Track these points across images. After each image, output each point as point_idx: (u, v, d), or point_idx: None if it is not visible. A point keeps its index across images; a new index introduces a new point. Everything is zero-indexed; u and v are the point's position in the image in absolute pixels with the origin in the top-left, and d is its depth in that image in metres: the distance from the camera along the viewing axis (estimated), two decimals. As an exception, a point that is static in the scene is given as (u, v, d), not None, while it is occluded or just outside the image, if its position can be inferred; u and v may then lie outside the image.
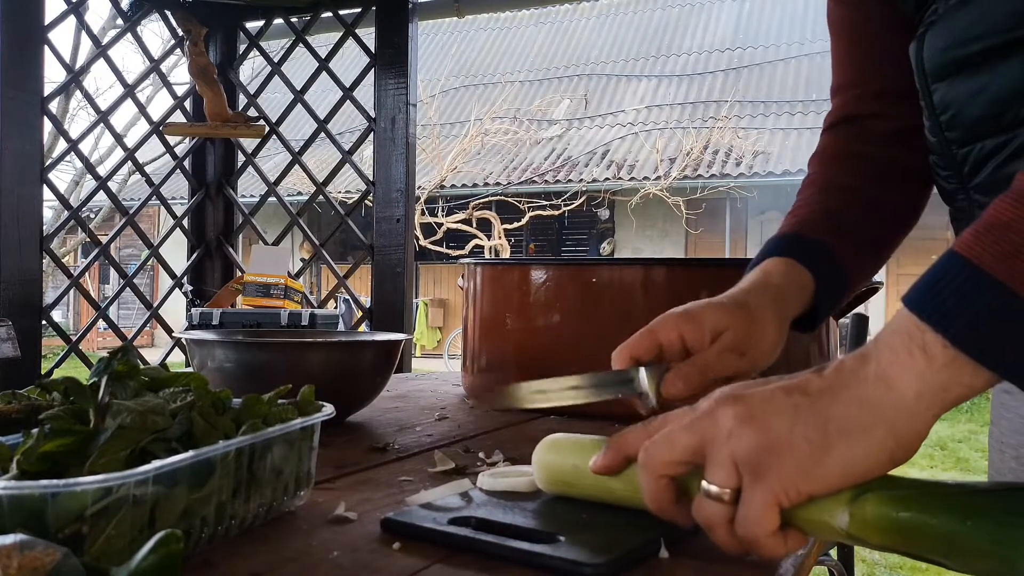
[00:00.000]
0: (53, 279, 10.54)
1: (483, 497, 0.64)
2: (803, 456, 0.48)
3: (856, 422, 0.48)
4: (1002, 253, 0.45)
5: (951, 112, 0.70)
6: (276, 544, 0.56)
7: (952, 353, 0.46)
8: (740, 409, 0.50)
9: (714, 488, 0.50)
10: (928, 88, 0.72)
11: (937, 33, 0.69)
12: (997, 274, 0.45)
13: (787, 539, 0.50)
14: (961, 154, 0.70)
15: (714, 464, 0.50)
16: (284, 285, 2.64)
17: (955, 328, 0.45)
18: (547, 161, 12.06)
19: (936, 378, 0.46)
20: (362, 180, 2.78)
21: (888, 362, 0.48)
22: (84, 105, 9.70)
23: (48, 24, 2.62)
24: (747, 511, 0.49)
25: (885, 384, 0.48)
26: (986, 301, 0.45)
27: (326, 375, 0.95)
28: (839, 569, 1.81)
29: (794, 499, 0.48)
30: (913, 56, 0.73)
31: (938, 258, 0.49)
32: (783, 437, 0.48)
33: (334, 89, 2.81)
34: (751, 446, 0.49)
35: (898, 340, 0.48)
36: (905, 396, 0.47)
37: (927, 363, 0.46)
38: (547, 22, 15.70)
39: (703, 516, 0.51)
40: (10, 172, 2.47)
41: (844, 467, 0.48)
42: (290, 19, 2.92)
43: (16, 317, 2.38)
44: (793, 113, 11.86)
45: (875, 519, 0.47)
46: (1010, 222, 0.46)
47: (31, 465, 0.48)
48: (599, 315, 1.11)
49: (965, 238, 0.47)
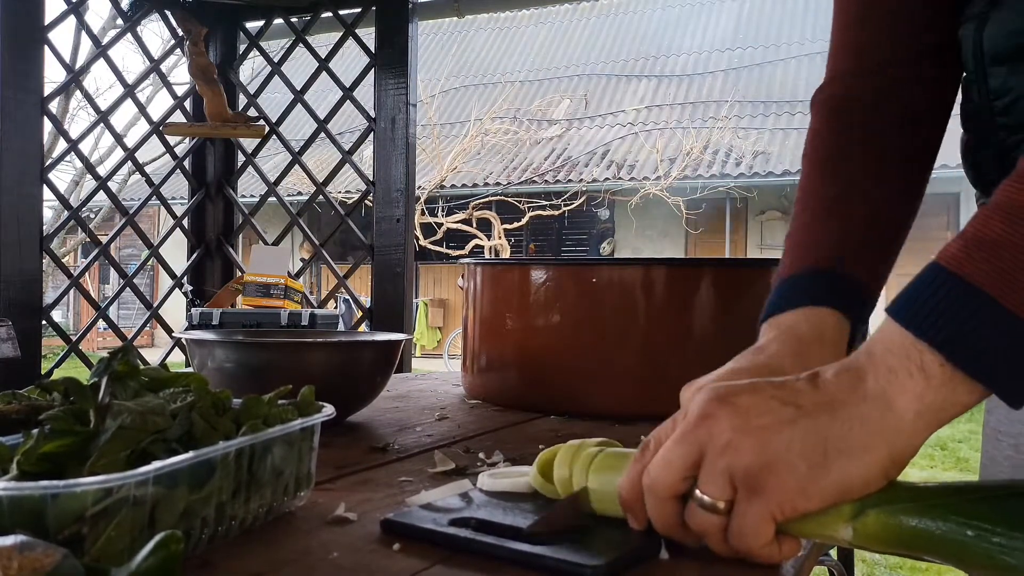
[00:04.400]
0: (53, 279, 10.54)
1: (483, 498, 0.63)
2: (801, 475, 0.48)
3: (855, 442, 0.48)
4: (997, 271, 0.45)
5: (1010, 98, 0.67)
6: (276, 544, 0.55)
7: (950, 372, 0.46)
8: (735, 419, 0.49)
9: (707, 499, 0.50)
10: (984, 72, 0.69)
11: (1007, 15, 0.67)
12: (992, 291, 0.45)
13: (782, 546, 0.50)
14: (1012, 141, 0.69)
15: (709, 476, 0.50)
16: (284, 285, 2.64)
17: (956, 350, 0.46)
18: (547, 161, 12.06)
19: (935, 398, 0.47)
20: (362, 180, 2.78)
21: (887, 381, 0.48)
22: (84, 105, 9.69)
23: (48, 24, 2.62)
24: (742, 524, 0.49)
25: (884, 404, 0.48)
26: (985, 322, 0.45)
27: (326, 375, 0.95)
28: (839, 569, 1.81)
29: (789, 515, 0.49)
30: (969, 37, 0.70)
31: (924, 269, 0.48)
32: (781, 455, 0.48)
33: (334, 89, 2.81)
34: (748, 463, 0.48)
35: (895, 360, 0.48)
36: (904, 417, 0.47)
37: (926, 383, 0.47)
38: (547, 22, 15.70)
39: (696, 524, 0.51)
40: (10, 172, 2.47)
41: (840, 485, 0.48)
42: (290, 19, 2.92)
43: (16, 317, 2.38)
44: (793, 113, 11.86)
45: (878, 532, 0.48)
46: (1000, 238, 0.46)
47: (31, 466, 0.48)
48: (599, 315, 1.11)
49: (955, 253, 0.47)
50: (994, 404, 0.86)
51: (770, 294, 0.70)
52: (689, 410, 0.52)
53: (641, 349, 1.09)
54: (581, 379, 1.11)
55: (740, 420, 0.49)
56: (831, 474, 0.48)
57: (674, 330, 1.10)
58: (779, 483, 0.48)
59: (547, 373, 1.14)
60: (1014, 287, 0.45)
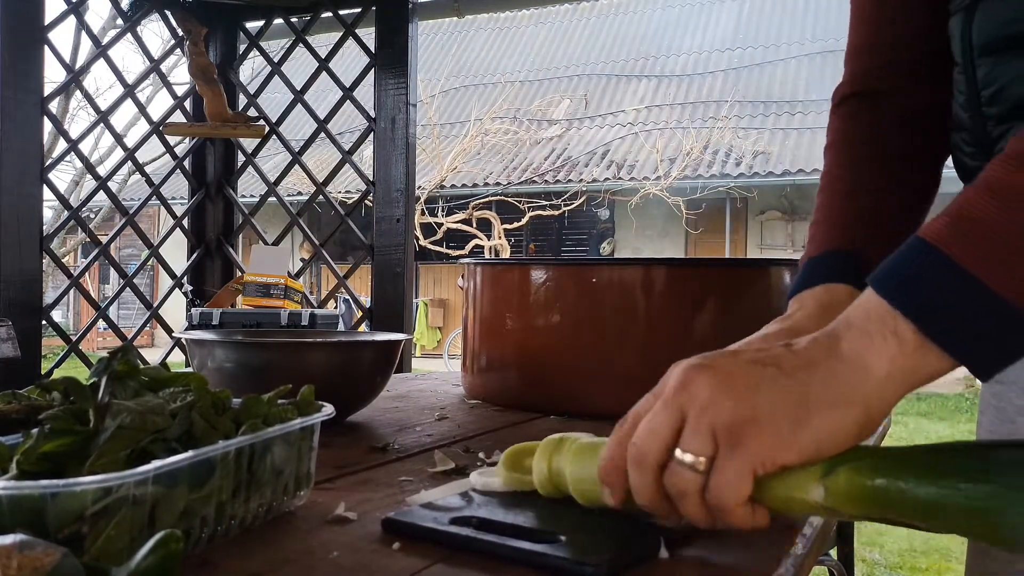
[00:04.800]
0: (53, 279, 10.54)
1: (484, 497, 0.63)
2: (781, 428, 0.49)
3: (833, 398, 0.50)
4: (975, 246, 0.47)
5: (995, 88, 0.69)
6: (276, 544, 0.55)
7: (922, 339, 0.48)
8: (715, 378, 0.51)
9: (688, 457, 0.50)
10: (972, 62, 0.71)
11: (993, 7, 0.68)
12: (969, 267, 0.47)
13: (755, 513, 0.51)
14: (997, 132, 0.70)
15: (692, 432, 0.51)
16: (284, 285, 2.64)
17: (928, 319, 0.48)
18: (547, 161, 12.06)
19: (906, 362, 0.49)
20: (362, 180, 2.78)
21: (863, 344, 0.50)
22: (84, 105, 9.69)
23: (48, 24, 2.62)
24: (722, 478, 0.50)
25: (859, 364, 0.50)
26: (958, 295, 0.47)
27: (326, 375, 0.95)
28: (839, 569, 1.81)
29: (768, 468, 0.50)
30: (958, 28, 0.72)
31: (907, 242, 0.51)
32: (764, 409, 0.50)
33: (334, 89, 2.81)
34: (731, 416, 0.50)
35: (871, 325, 0.50)
36: (878, 377, 0.49)
37: (899, 347, 0.49)
38: (547, 22, 15.70)
39: (674, 485, 0.51)
40: (10, 172, 2.47)
41: (818, 439, 0.50)
42: (290, 19, 2.92)
43: (16, 317, 2.38)
44: (793, 113, 11.86)
45: (849, 489, 0.49)
46: (983, 216, 0.48)
47: (31, 465, 0.48)
48: (599, 315, 1.11)
49: (939, 228, 0.49)
50: (987, 404, 0.86)
51: (795, 275, 0.77)
52: (667, 382, 0.54)
53: (641, 349, 1.09)
54: (581, 379, 1.11)
55: (719, 379, 0.51)
56: (810, 428, 0.49)
57: (674, 330, 1.09)
58: (760, 436, 0.49)
59: (547, 373, 1.14)
60: (989, 262, 0.47)
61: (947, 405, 7.83)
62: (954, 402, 7.97)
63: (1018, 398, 0.80)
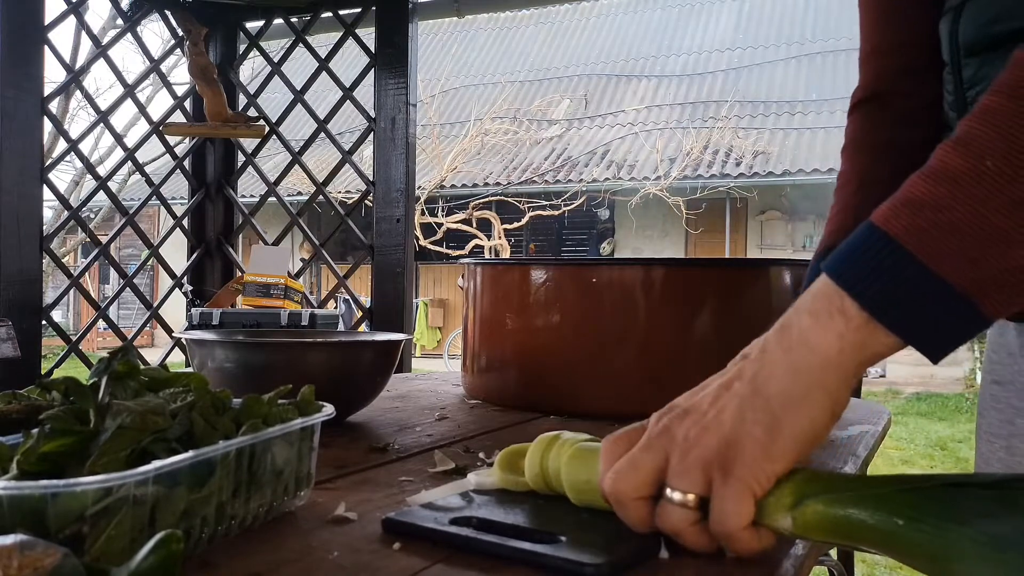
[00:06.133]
0: (53, 279, 10.54)
1: (484, 497, 0.63)
2: (760, 440, 0.50)
3: (795, 394, 0.50)
4: (916, 227, 0.48)
5: (980, 88, 0.70)
6: (276, 544, 0.55)
7: (866, 315, 0.49)
8: (694, 419, 0.52)
9: (677, 495, 0.51)
10: (959, 63, 0.72)
11: (977, 7, 0.69)
12: (909, 245, 0.48)
13: (760, 535, 0.51)
14: None
15: (679, 471, 0.51)
16: (284, 285, 2.64)
17: (869, 293, 0.49)
18: (547, 161, 12.06)
19: (854, 337, 0.50)
20: (362, 180, 2.78)
21: (809, 326, 0.51)
22: (84, 105, 9.70)
23: (48, 24, 2.62)
24: (722, 506, 0.50)
25: (808, 348, 0.51)
26: (898, 270, 0.48)
27: (326, 375, 0.95)
28: (839, 569, 1.81)
29: (764, 484, 0.50)
30: (946, 29, 0.73)
31: (857, 228, 0.52)
32: (737, 428, 0.51)
33: (334, 89, 2.81)
34: (714, 447, 0.51)
35: (819, 304, 0.51)
36: (829, 356, 0.50)
37: (846, 324, 0.50)
38: (547, 22, 15.70)
39: (668, 524, 0.52)
40: (10, 172, 2.47)
41: (796, 438, 0.50)
42: (290, 19, 2.92)
43: (16, 317, 2.39)
44: (793, 113, 11.86)
45: (816, 522, 0.50)
46: (922, 198, 0.49)
47: (31, 465, 0.48)
48: (599, 315, 1.11)
49: (883, 211, 0.50)
50: (986, 406, 0.86)
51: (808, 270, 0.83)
52: (651, 422, 0.55)
53: (641, 349, 1.09)
54: (581, 379, 1.11)
55: (693, 419, 0.52)
56: (784, 431, 0.50)
57: (674, 330, 1.09)
58: (743, 456, 0.50)
59: (547, 373, 1.14)
60: (924, 240, 0.48)
61: (947, 405, 7.84)
62: (954, 402, 7.98)
63: (1017, 400, 0.81)
